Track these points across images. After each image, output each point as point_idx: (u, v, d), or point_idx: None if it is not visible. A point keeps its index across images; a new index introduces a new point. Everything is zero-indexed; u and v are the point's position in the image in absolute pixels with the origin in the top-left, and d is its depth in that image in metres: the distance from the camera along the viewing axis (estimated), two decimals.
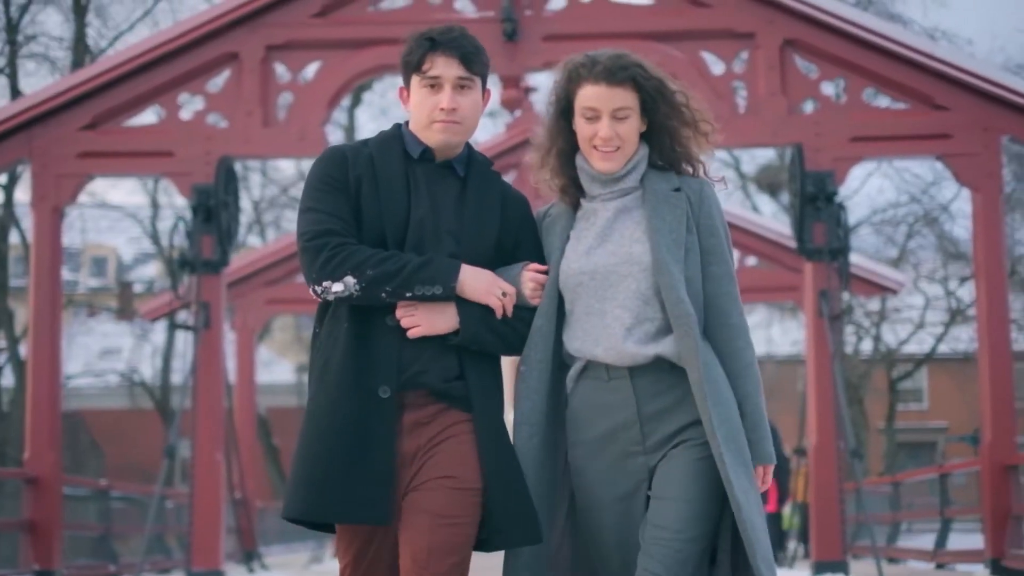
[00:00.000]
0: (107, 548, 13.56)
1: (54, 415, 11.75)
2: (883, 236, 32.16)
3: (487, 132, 29.20)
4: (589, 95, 3.93)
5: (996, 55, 47.73)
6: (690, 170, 4.02)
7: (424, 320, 3.84)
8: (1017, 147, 13.96)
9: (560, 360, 4.00)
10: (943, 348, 33.85)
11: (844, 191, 11.77)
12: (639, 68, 3.96)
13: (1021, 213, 29.82)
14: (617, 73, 3.92)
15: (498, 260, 3.98)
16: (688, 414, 3.84)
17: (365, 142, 4.05)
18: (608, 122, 3.92)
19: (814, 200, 11.37)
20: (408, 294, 3.82)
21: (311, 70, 12.00)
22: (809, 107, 11.83)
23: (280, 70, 11.98)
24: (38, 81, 37.80)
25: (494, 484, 3.82)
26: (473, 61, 3.94)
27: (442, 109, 3.89)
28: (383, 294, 3.81)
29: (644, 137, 3.99)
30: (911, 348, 34.17)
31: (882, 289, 18.65)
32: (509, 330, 3.93)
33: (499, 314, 3.88)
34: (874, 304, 31.31)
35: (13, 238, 27.02)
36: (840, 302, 12.12)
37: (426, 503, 3.78)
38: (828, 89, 12.06)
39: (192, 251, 11.73)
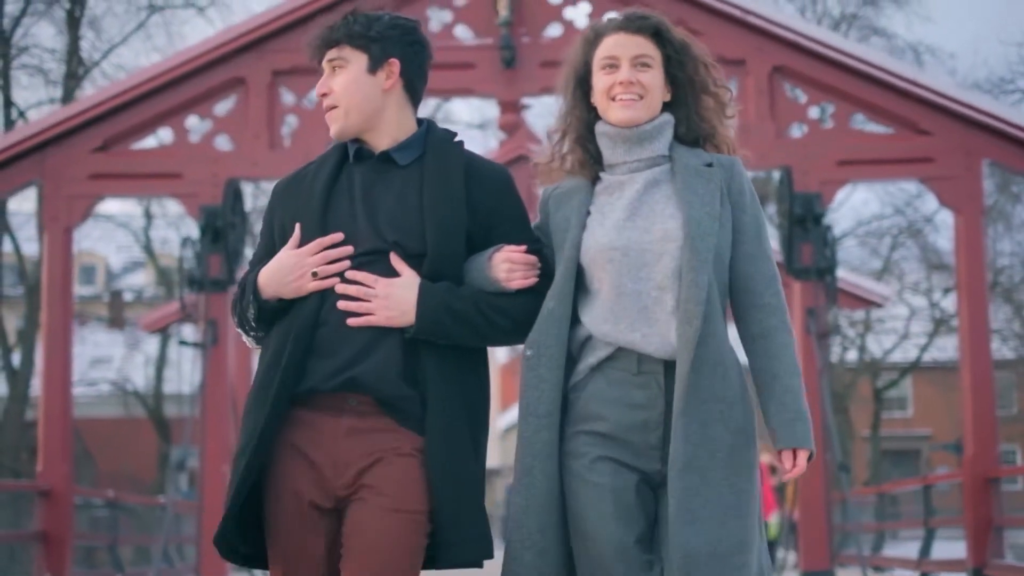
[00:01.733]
0: (115, 558, 13.85)
1: (66, 428, 12.02)
2: (868, 248, 32.56)
3: (479, 148, 29.56)
4: (608, 44, 3.67)
5: (979, 69, 48.46)
6: (715, 150, 3.73)
7: (380, 308, 3.46)
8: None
9: (570, 347, 3.62)
10: (927, 357, 34.24)
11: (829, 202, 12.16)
12: (663, 23, 3.71)
13: (1003, 225, 30.26)
14: (637, 21, 3.69)
15: (470, 242, 3.60)
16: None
17: (313, 161, 3.78)
18: (628, 68, 3.63)
19: (802, 221, 11.75)
20: (248, 326, 3.62)
21: (315, 94, 12.30)
22: (797, 131, 12.20)
23: (285, 94, 12.31)
24: (31, 93, 38.14)
25: (443, 507, 3.44)
26: (338, 39, 3.64)
27: (321, 95, 3.67)
28: (249, 330, 3.63)
29: (669, 108, 3.70)
30: (896, 356, 34.57)
31: (867, 303, 19.04)
32: (483, 321, 3.53)
33: (313, 284, 3.49)
34: (859, 315, 31.71)
35: (6, 247, 27.17)
36: (827, 320, 12.51)
37: (365, 527, 3.42)
38: (815, 114, 12.42)
39: (200, 270, 12.06)
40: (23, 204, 29.29)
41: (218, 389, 12.26)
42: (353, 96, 3.60)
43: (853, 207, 37.87)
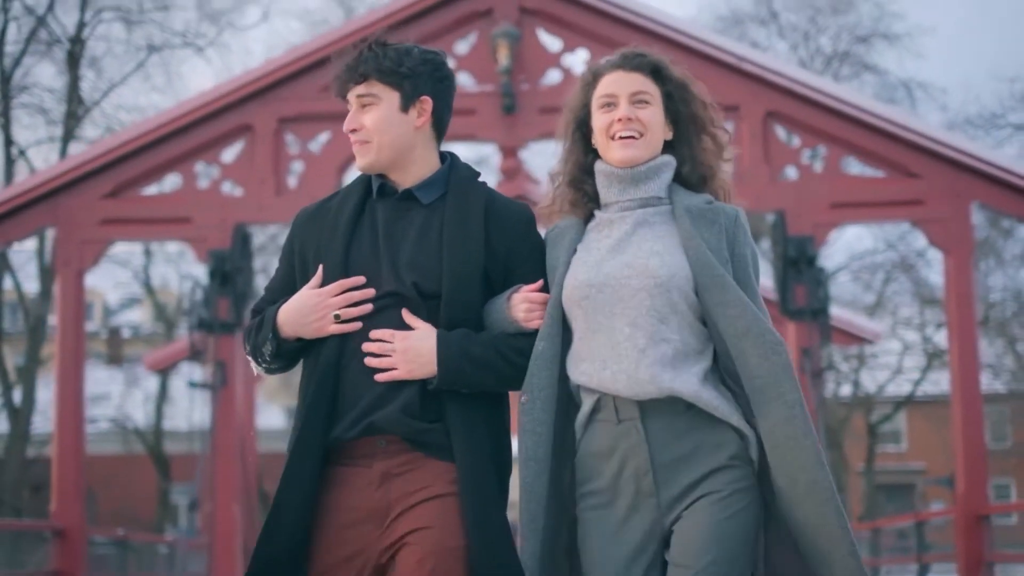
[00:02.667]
0: None
1: (79, 468, 12.24)
2: (861, 283, 32.76)
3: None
4: (606, 83, 3.63)
5: (970, 105, 48.84)
6: (714, 195, 3.68)
7: (401, 363, 3.46)
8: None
9: (567, 389, 3.58)
10: (921, 391, 34.42)
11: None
12: (661, 60, 3.66)
13: (995, 259, 30.52)
14: (635, 59, 3.64)
15: (488, 281, 3.58)
16: (708, 462, 3.43)
17: (337, 192, 3.78)
18: (626, 105, 3.59)
19: (796, 263, 12.02)
20: (261, 359, 3.64)
21: (320, 140, 12.57)
22: (790, 175, 12.47)
23: (291, 141, 12.57)
24: (32, 132, 38.35)
25: (478, 546, 3.39)
26: (370, 74, 3.57)
27: (346, 131, 3.62)
28: (262, 362, 3.65)
29: (670, 149, 3.65)
30: (889, 391, 34.77)
31: (860, 340, 19.31)
32: (504, 364, 3.52)
33: (331, 329, 3.50)
34: (853, 350, 31.93)
35: (7, 284, 27.37)
36: (821, 359, 12.77)
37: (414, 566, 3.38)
38: (808, 157, 12.70)
39: (209, 313, 12.33)
40: (24, 243, 29.62)
41: (227, 430, 12.49)
42: (385, 134, 3.57)
43: (846, 242, 38.23)
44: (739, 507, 3.41)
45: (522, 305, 3.53)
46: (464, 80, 12.31)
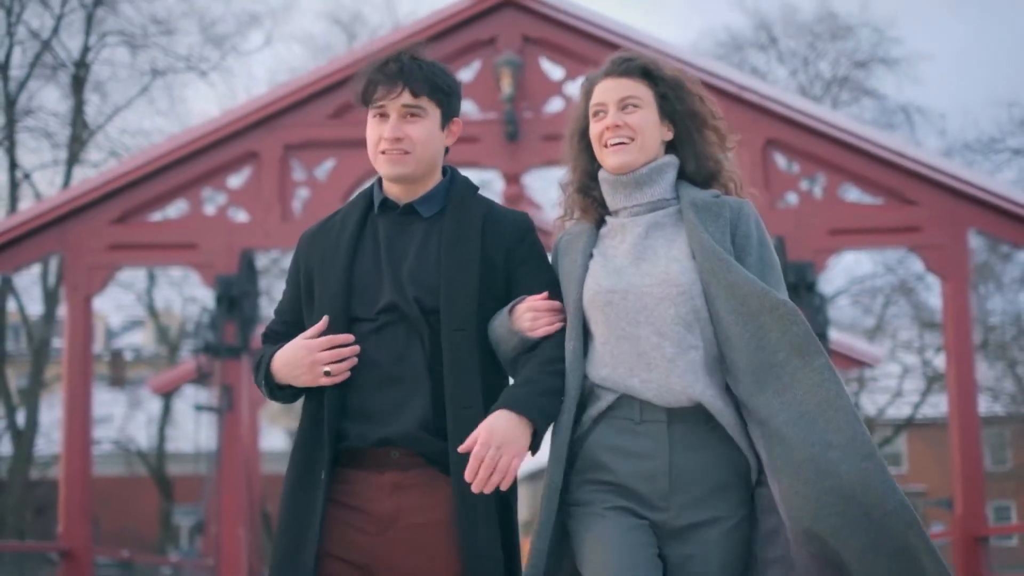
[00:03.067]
0: None
1: (86, 490, 12.36)
2: (861, 306, 32.86)
3: None
4: (597, 92, 3.65)
5: (969, 129, 49.11)
6: (724, 190, 3.68)
7: (507, 455, 3.36)
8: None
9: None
10: (920, 413, 34.49)
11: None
12: (652, 62, 3.66)
13: (994, 283, 30.64)
14: (622, 64, 3.65)
15: (491, 293, 3.60)
16: (719, 475, 3.45)
17: (339, 210, 3.83)
18: (614, 111, 3.60)
19: (795, 289, 12.13)
20: (266, 395, 3.72)
21: (326, 167, 12.72)
22: (789, 202, 12.61)
23: (297, 167, 12.71)
24: (36, 156, 38.59)
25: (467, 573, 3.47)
26: (421, 88, 3.63)
27: (386, 138, 3.63)
28: (267, 395, 3.72)
29: (673, 149, 3.66)
30: (890, 412, 34.84)
31: (860, 364, 19.43)
32: (554, 379, 3.52)
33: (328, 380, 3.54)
34: (852, 373, 31.97)
35: (10, 306, 27.47)
36: None
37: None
38: (807, 185, 12.84)
39: (216, 337, 12.46)
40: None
41: (233, 453, 12.60)
42: (428, 148, 3.64)
43: (846, 266, 38.28)
44: (742, 535, 3.44)
45: (527, 315, 3.52)
46: (468, 108, 12.46)
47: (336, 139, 12.49)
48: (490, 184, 28.22)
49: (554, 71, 12.66)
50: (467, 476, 3.35)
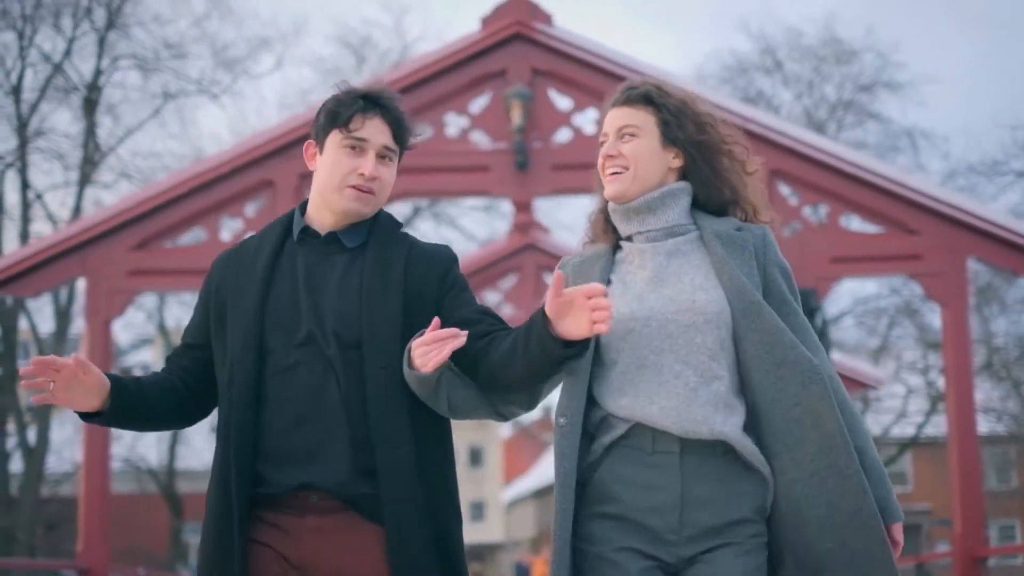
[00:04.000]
0: None
1: (105, 508, 12.54)
2: (865, 327, 33.05)
3: (482, 228, 30.14)
4: (604, 121, 3.64)
5: (973, 152, 49.28)
6: (742, 215, 3.63)
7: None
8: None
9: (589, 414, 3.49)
10: (925, 433, 34.65)
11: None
12: (656, 88, 3.60)
13: (998, 305, 30.85)
14: (625, 92, 3.62)
15: (412, 328, 3.44)
16: (735, 510, 3.37)
17: (255, 235, 3.72)
18: (612, 140, 3.57)
19: None
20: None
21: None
22: (793, 230, 12.81)
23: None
24: (48, 177, 38.86)
25: None
26: (403, 133, 3.61)
27: (361, 174, 3.52)
28: None
29: (687, 176, 3.59)
30: (895, 432, 34.99)
31: (863, 386, 19.67)
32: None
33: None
34: (857, 394, 32.07)
35: (23, 325, 27.71)
36: None
37: None
38: (809, 213, 13.08)
39: None
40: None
41: None
42: (388, 193, 3.63)
43: (850, 288, 38.50)
44: (758, 562, 3.38)
45: (417, 351, 3.35)
46: (479, 138, 12.71)
47: None
48: (496, 206, 28.51)
49: (562, 102, 12.89)
50: None
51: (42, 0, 27.12)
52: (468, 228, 32.74)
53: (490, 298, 17.81)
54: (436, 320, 3.36)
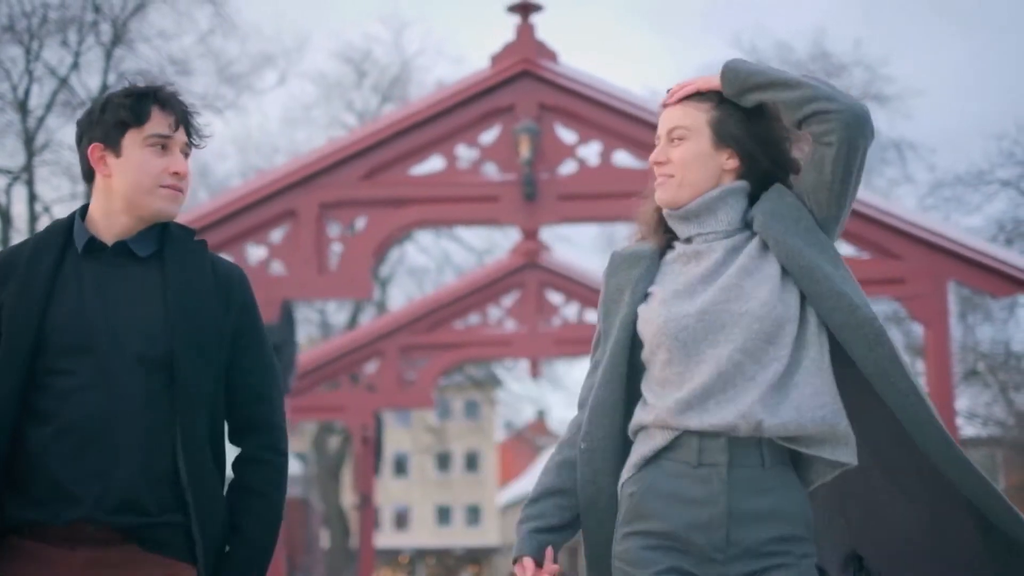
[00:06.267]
0: None
1: None
2: None
3: (482, 240, 30.68)
4: (660, 122, 3.42)
5: (959, 163, 49.83)
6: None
7: None
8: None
9: (626, 437, 3.28)
10: None
11: None
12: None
13: (982, 314, 31.48)
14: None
15: (219, 344, 3.25)
16: (781, 527, 3.14)
17: (26, 242, 3.31)
18: (663, 145, 3.36)
19: None
20: None
21: (359, 224, 13.48)
22: None
23: (332, 224, 13.53)
24: (55, 190, 39.27)
25: None
26: (194, 128, 3.38)
27: (175, 173, 3.27)
28: None
29: (745, 176, 3.34)
30: None
31: None
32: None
33: None
34: None
35: None
36: None
37: None
38: None
39: None
40: None
41: None
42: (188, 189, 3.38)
43: None
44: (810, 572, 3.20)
45: None
46: (489, 169, 13.28)
47: (368, 198, 13.29)
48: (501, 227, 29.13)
49: (568, 135, 13.45)
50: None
51: (48, 15, 27.64)
52: (467, 240, 33.41)
53: (492, 314, 18.50)
54: (549, 551, 3.30)
